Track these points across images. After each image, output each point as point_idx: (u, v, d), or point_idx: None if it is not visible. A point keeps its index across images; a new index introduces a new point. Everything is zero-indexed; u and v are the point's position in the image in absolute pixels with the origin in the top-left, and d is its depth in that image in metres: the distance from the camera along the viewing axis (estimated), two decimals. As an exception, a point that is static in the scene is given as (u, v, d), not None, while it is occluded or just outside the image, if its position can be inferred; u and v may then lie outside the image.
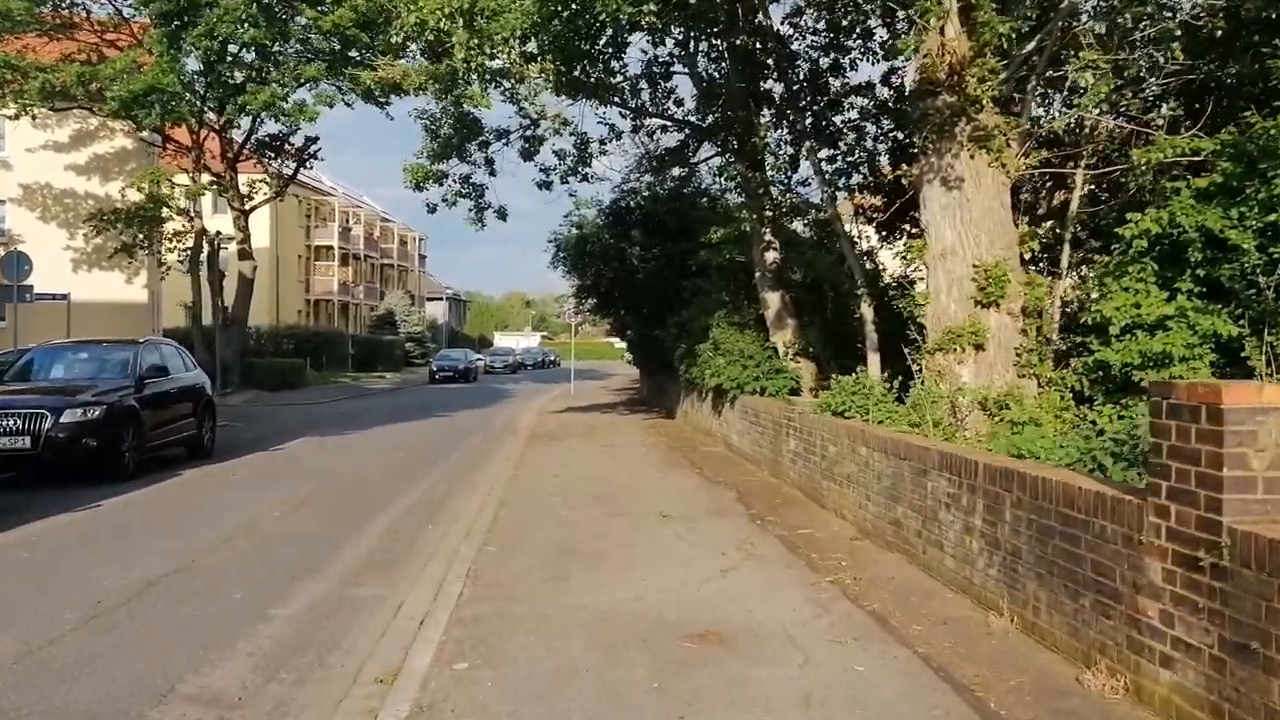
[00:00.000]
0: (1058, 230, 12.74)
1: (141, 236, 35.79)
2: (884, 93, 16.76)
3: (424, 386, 49.47)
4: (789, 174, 16.96)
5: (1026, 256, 11.76)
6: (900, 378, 11.41)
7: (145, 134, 36.79)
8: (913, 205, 16.19)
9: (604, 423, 25.00)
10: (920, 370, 11.69)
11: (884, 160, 16.97)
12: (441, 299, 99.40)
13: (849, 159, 16.17)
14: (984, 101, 11.11)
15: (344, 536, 10.06)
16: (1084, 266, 13.56)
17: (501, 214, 20.50)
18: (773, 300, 17.52)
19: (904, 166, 13.11)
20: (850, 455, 10.03)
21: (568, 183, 18.90)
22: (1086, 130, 12.92)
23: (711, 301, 19.31)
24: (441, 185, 19.76)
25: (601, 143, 18.48)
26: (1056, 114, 12.32)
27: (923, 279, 18.60)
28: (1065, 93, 12.86)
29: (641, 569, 8.22)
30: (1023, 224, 11.90)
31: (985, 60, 10.94)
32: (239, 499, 12.50)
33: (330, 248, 72.01)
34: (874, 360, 15.15)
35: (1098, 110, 10.43)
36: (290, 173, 39.39)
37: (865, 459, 9.54)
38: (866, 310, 15.31)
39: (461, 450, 19.09)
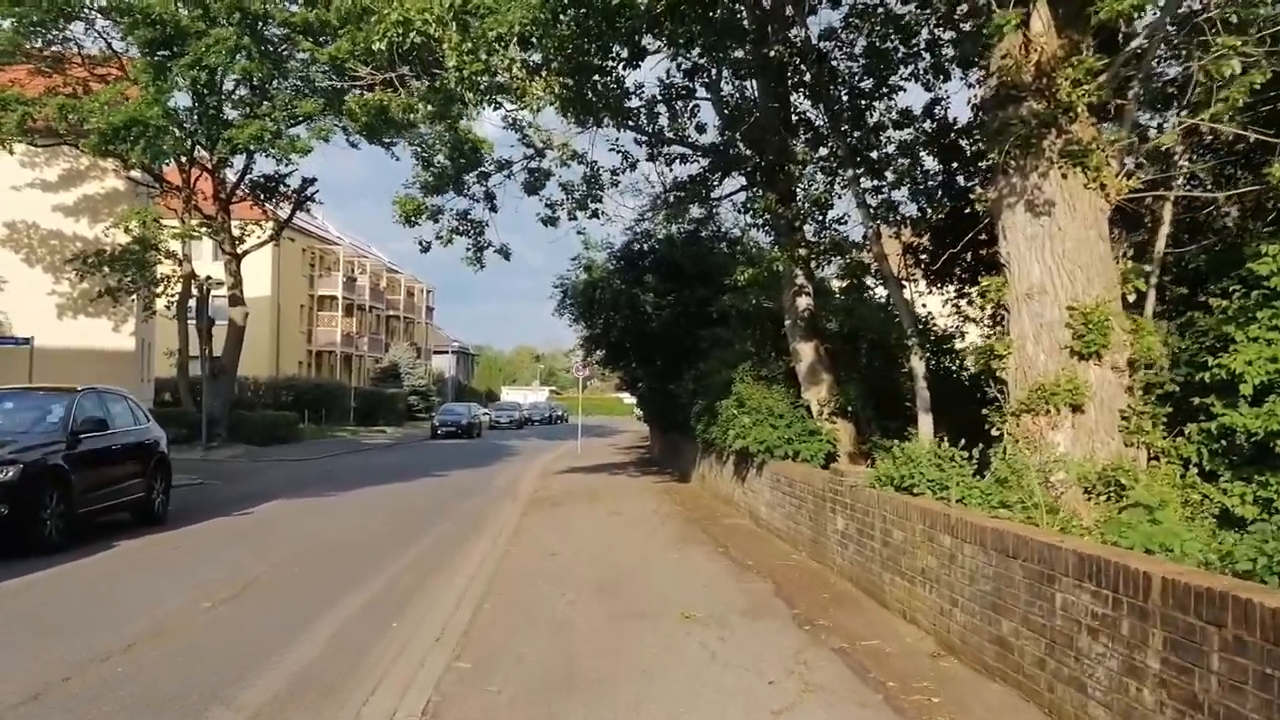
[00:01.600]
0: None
1: (127, 280, 33.98)
2: (928, 126, 14.87)
3: (424, 442, 47.30)
4: (824, 210, 14.92)
5: (1131, 299, 9.63)
6: (977, 445, 9.23)
7: (136, 174, 35.18)
8: (978, 244, 14.21)
9: (611, 486, 22.80)
10: (1003, 436, 9.57)
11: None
12: (448, 352, 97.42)
13: (896, 190, 14.16)
14: (1079, 109, 9.12)
15: (279, 641, 7.88)
16: (1165, 319, 11.47)
17: (504, 253, 18.46)
18: (805, 352, 15.43)
19: (977, 190, 11.10)
20: (926, 545, 7.86)
21: (575, 218, 16.89)
22: (1178, 153, 10.91)
23: (734, 353, 17.21)
24: (437, 222, 17.74)
25: (614, 173, 16.48)
26: (1168, 125, 10.21)
27: (969, 331, 16.63)
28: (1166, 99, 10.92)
29: (662, 706, 6.03)
30: (1124, 261, 9.79)
31: (1082, 59, 8.95)
32: (170, 582, 10.32)
33: (334, 297, 70.19)
34: (925, 422, 13.08)
35: (1241, 107, 8.34)
36: (286, 215, 37.56)
37: (949, 552, 7.37)
38: (917, 364, 13.25)
39: (451, 518, 16.91)
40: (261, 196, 36.34)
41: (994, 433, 9.62)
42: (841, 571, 10.22)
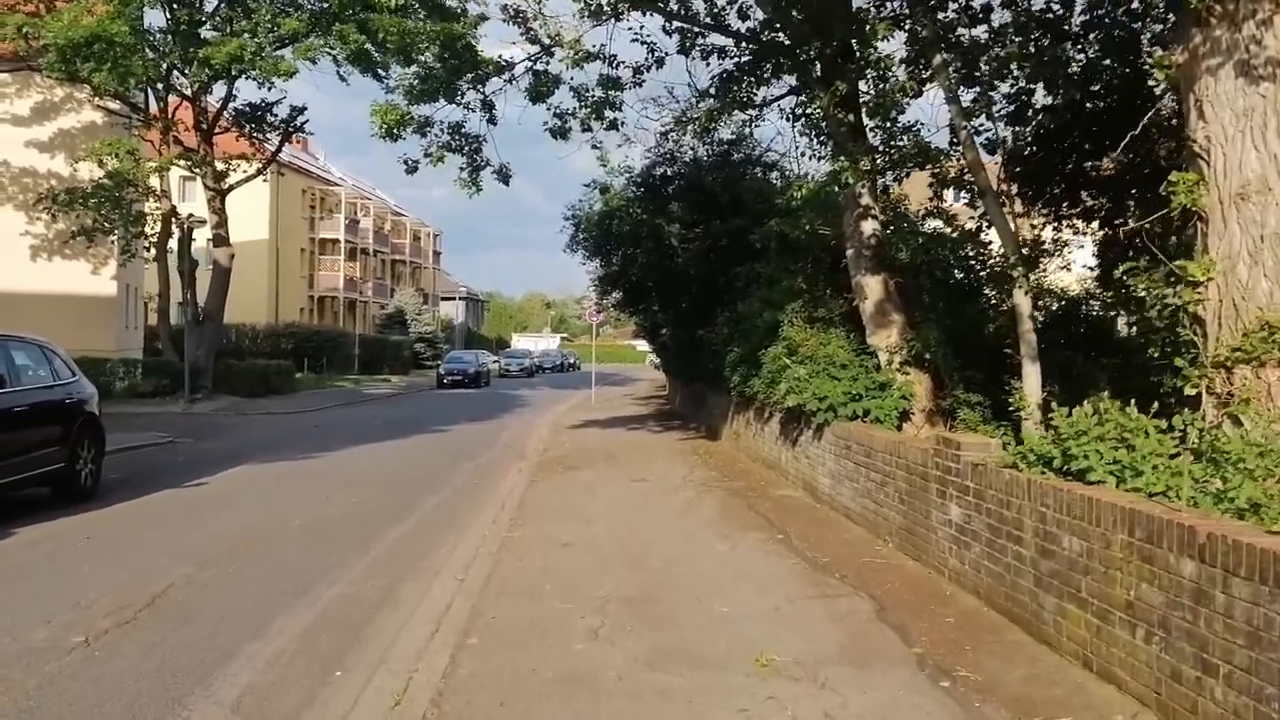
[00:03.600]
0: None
1: (102, 219, 31.23)
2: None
3: (429, 392, 44.75)
4: (894, 114, 11.99)
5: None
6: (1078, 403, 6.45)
7: (115, 105, 32.27)
8: (1084, 153, 11.41)
9: (631, 443, 20.16)
10: (1197, 392, 6.81)
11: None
12: (456, 298, 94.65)
13: (997, 82, 11.24)
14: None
15: (157, 714, 5.24)
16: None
17: (503, 176, 15.66)
18: (872, 287, 12.65)
19: (1156, 53, 8.16)
20: (1135, 566, 5.13)
21: (590, 129, 14.03)
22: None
23: (781, 291, 14.39)
24: (425, 136, 14.91)
25: (636, 71, 13.60)
26: None
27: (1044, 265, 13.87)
28: None
29: None
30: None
31: None
32: (49, 595, 7.65)
33: (336, 241, 67.26)
34: (1032, 374, 10.43)
35: None
36: (274, 148, 34.54)
37: (1194, 585, 4.64)
38: (1022, 300, 10.52)
39: (447, 486, 14.27)
40: (248, 127, 33.38)
41: (1189, 390, 6.87)
42: (959, 579, 7.50)
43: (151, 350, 38.63)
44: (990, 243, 14.01)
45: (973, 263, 14.92)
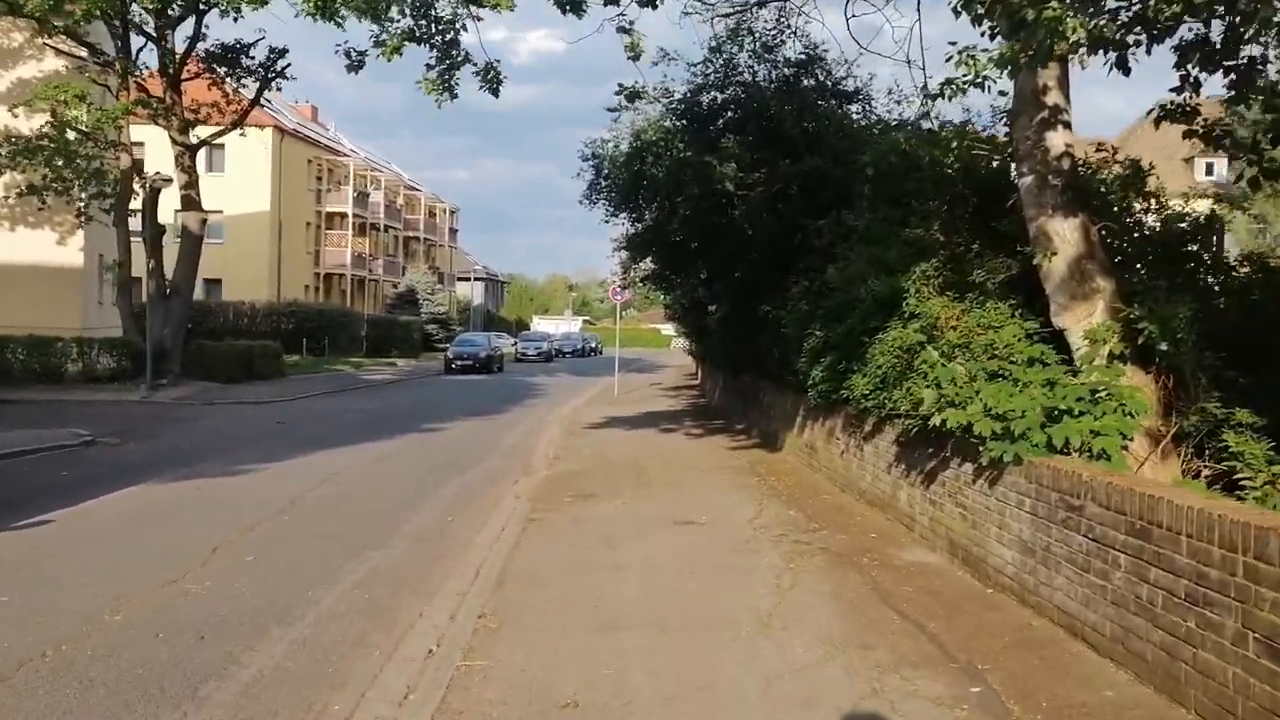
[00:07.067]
0: None
1: (53, 175, 26.89)
2: None
3: (435, 378, 40.23)
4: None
5: None
6: None
7: (82, 52, 27.80)
8: None
9: (666, 453, 15.54)
10: None
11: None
12: (472, 278, 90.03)
13: None
14: None
15: None
16: None
17: (491, 80, 11.01)
18: (1065, 236, 7.96)
19: None
20: None
21: (615, 1, 9.37)
22: None
23: (902, 246, 9.61)
24: (378, 23, 10.29)
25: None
26: None
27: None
28: None
29: None
30: None
31: None
32: None
33: (344, 214, 62.74)
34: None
35: None
36: (252, 95, 29.85)
37: None
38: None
39: (406, 528, 9.74)
40: (221, 72, 28.82)
41: None
42: None
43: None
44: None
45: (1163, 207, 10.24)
